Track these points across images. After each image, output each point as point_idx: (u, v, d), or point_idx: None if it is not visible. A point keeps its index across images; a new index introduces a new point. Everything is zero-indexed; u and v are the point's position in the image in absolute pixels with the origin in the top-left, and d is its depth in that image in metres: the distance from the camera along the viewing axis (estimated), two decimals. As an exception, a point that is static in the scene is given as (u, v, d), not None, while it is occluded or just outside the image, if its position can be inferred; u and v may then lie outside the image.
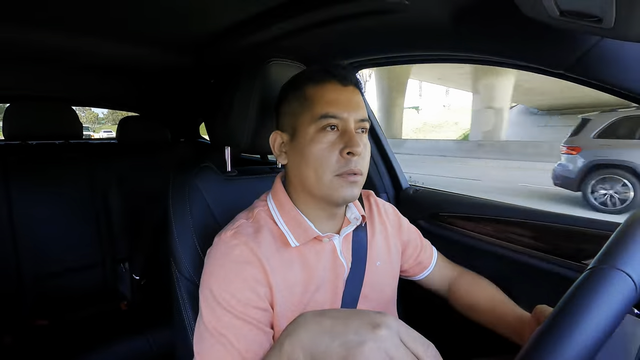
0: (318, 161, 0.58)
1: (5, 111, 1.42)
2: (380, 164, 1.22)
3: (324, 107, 0.58)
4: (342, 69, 0.61)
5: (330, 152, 0.58)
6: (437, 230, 1.05)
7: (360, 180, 0.60)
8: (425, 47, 0.83)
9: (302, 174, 0.61)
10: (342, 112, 0.58)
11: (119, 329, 1.32)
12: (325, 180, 0.58)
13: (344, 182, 0.58)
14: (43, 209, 1.44)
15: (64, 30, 1.03)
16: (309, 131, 0.59)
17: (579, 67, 0.57)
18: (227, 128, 0.77)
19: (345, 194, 0.58)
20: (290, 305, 0.58)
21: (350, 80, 0.61)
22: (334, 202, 0.61)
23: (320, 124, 0.58)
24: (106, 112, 30.01)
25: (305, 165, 0.60)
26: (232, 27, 1.00)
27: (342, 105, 0.59)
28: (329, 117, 0.58)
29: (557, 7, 0.43)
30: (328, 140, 0.58)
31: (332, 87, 0.60)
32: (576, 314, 0.35)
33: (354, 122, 0.59)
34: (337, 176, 0.58)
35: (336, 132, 0.59)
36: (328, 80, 0.60)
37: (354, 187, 0.59)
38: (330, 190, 0.58)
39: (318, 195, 0.61)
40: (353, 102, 0.60)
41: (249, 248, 0.56)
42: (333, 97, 0.59)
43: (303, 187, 0.62)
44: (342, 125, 0.59)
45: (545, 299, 0.81)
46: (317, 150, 0.58)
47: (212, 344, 0.52)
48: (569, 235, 0.76)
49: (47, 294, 1.41)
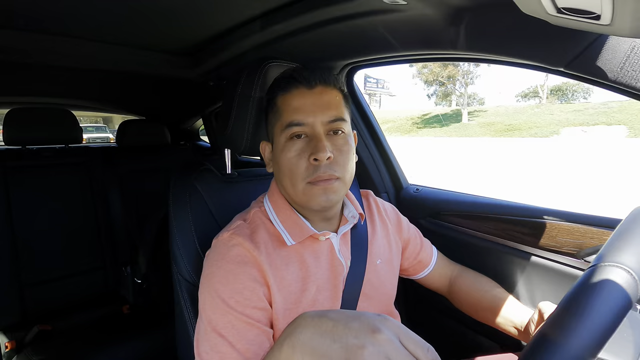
0: (289, 170, 0.58)
1: (5, 116, 1.42)
2: (380, 164, 1.22)
3: (290, 115, 0.58)
4: (307, 71, 0.61)
5: (299, 160, 0.58)
6: (437, 229, 1.05)
7: (336, 184, 0.58)
8: (423, 46, 0.83)
9: (280, 182, 0.62)
10: (307, 117, 0.58)
11: (121, 332, 1.32)
12: (299, 188, 0.58)
13: (316, 189, 0.57)
14: (43, 214, 1.44)
15: (63, 35, 1.03)
16: (280, 141, 0.60)
17: (577, 64, 0.57)
18: (226, 130, 0.77)
19: (319, 201, 0.58)
20: (289, 305, 0.58)
21: (316, 81, 0.60)
22: (311, 209, 0.61)
23: (287, 133, 0.58)
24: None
25: (282, 175, 0.60)
26: (230, 30, 1.00)
27: (308, 110, 0.58)
28: (294, 125, 0.58)
29: (555, 4, 0.43)
30: (296, 149, 0.58)
31: (297, 93, 0.60)
32: (580, 311, 0.35)
33: (322, 125, 0.58)
34: (309, 183, 0.58)
35: (304, 138, 0.59)
36: (294, 87, 0.60)
37: (329, 192, 0.58)
38: (305, 197, 0.58)
39: (297, 202, 0.61)
40: (320, 105, 0.59)
41: (246, 248, 0.57)
42: (298, 103, 0.59)
43: (286, 195, 0.63)
44: (309, 131, 0.58)
45: (546, 296, 0.81)
46: (287, 159, 0.58)
47: (212, 345, 0.52)
48: (570, 233, 0.76)
49: (49, 299, 1.41)
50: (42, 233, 1.42)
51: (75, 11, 0.87)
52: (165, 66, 1.28)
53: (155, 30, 1.03)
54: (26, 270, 1.36)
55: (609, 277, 0.37)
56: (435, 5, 0.67)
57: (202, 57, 1.23)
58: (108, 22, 0.95)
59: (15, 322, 1.33)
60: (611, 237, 0.43)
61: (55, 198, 1.47)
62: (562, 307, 0.37)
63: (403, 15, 0.72)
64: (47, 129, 1.49)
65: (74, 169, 1.55)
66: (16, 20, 0.91)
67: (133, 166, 1.73)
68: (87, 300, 1.50)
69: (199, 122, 2.26)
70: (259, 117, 0.75)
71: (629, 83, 0.53)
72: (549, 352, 0.33)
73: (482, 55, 0.72)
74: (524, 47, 0.64)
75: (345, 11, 0.75)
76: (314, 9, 0.77)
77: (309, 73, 0.60)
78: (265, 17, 0.88)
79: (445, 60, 0.88)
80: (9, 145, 1.45)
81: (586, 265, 0.73)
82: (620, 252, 0.39)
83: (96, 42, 1.10)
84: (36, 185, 1.44)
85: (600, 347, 0.33)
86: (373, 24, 0.79)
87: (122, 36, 1.07)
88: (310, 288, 0.60)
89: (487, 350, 0.79)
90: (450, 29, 0.71)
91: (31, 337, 1.27)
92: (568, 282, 0.77)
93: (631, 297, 0.36)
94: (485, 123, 22.96)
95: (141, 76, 1.49)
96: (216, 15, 0.92)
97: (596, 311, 0.34)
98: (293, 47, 0.97)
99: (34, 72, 1.35)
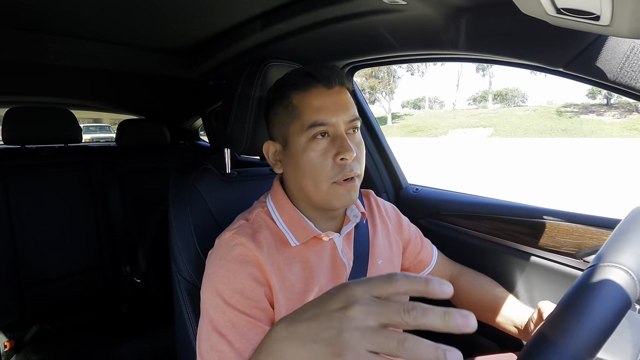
0: (314, 170, 0.58)
1: (4, 116, 1.42)
2: (380, 164, 1.22)
3: (312, 115, 0.58)
4: (326, 70, 0.60)
5: (324, 160, 0.57)
6: (437, 229, 1.05)
7: (357, 182, 0.60)
8: (423, 46, 0.83)
9: (299, 183, 0.61)
10: (331, 118, 0.57)
11: (120, 331, 1.32)
12: (323, 188, 0.58)
13: (341, 189, 0.58)
14: (43, 214, 1.44)
15: (63, 34, 1.03)
16: (300, 141, 0.59)
17: (577, 64, 0.57)
18: (226, 130, 0.77)
19: (344, 200, 0.58)
20: (292, 305, 0.58)
21: (336, 81, 0.60)
22: (334, 208, 0.61)
23: (310, 133, 0.58)
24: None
25: (301, 175, 0.60)
26: (230, 29, 1.00)
27: (330, 110, 0.58)
28: (318, 125, 0.57)
29: (554, 5, 0.43)
30: (321, 149, 0.58)
31: (317, 93, 0.59)
32: (579, 310, 0.35)
33: (344, 124, 0.59)
34: (335, 183, 0.58)
35: (327, 138, 0.58)
36: (313, 86, 0.59)
37: (352, 191, 0.59)
38: (329, 197, 0.58)
39: (318, 202, 0.61)
40: (340, 104, 0.59)
41: (248, 248, 0.57)
42: (320, 103, 0.58)
43: (303, 195, 0.62)
44: (332, 130, 0.58)
45: (545, 296, 0.81)
46: (310, 159, 0.58)
47: (212, 344, 0.52)
48: (569, 233, 0.76)
49: (48, 298, 1.41)
50: (41, 232, 1.42)
51: (75, 10, 0.87)
52: (165, 65, 1.28)
53: (155, 29, 1.03)
54: (25, 269, 1.36)
55: (608, 278, 0.37)
56: (435, 5, 0.67)
57: (202, 56, 1.23)
58: (108, 21, 0.95)
59: (14, 322, 1.33)
60: (610, 238, 0.43)
61: (54, 197, 1.47)
62: (561, 307, 0.37)
63: (403, 15, 0.72)
64: (46, 128, 1.48)
65: (73, 168, 1.55)
66: (16, 20, 0.91)
67: (132, 166, 1.73)
68: (86, 300, 1.50)
69: (198, 121, 2.25)
70: (258, 116, 0.75)
71: (629, 83, 0.53)
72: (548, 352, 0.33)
73: (482, 55, 0.72)
74: (523, 48, 0.64)
75: (346, 11, 0.75)
76: (314, 9, 0.77)
77: (329, 72, 0.59)
78: (265, 17, 0.88)
79: (446, 60, 0.88)
80: (8, 145, 1.45)
81: (585, 265, 0.74)
82: (620, 252, 0.39)
83: (96, 41, 1.10)
84: (35, 185, 1.44)
85: (598, 347, 0.33)
86: (373, 24, 0.79)
87: (122, 35, 1.07)
88: (313, 288, 0.60)
89: (486, 350, 0.79)
90: (450, 29, 0.71)
91: (30, 336, 1.27)
92: (567, 282, 0.77)
93: (630, 297, 0.36)
94: (403, 125, 27.62)
95: (141, 75, 1.49)
96: (216, 14, 0.91)
97: (595, 311, 0.34)
98: (293, 46, 0.97)
99: (33, 71, 1.35)
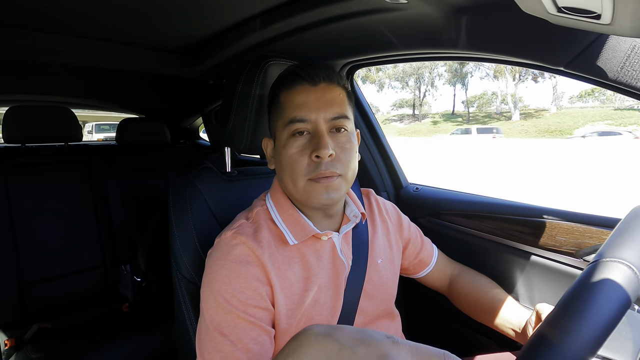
0: (291, 166, 0.58)
1: (5, 114, 1.41)
2: (380, 163, 1.22)
3: (292, 112, 0.58)
4: (312, 67, 0.60)
5: (301, 157, 0.58)
6: (437, 228, 1.05)
7: (337, 182, 0.58)
8: (423, 45, 0.83)
9: (282, 179, 0.62)
10: (310, 114, 0.57)
11: (120, 330, 1.32)
12: (299, 185, 0.58)
13: (318, 186, 0.57)
14: (43, 212, 1.44)
15: (63, 33, 1.03)
16: (282, 137, 0.59)
17: (578, 63, 0.57)
18: (226, 129, 0.77)
19: (320, 198, 0.58)
20: (292, 305, 0.58)
21: (320, 78, 0.60)
22: (312, 206, 0.61)
23: (290, 129, 0.58)
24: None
25: (282, 171, 0.60)
26: (230, 28, 1.00)
27: (311, 107, 0.58)
28: (296, 121, 0.58)
29: (555, 4, 0.43)
30: (298, 145, 0.58)
31: (301, 90, 0.59)
32: (580, 306, 0.35)
33: (325, 122, 0.58)
34: (310, 180, 0.58)
35: (307, 135, 0.58)
36: (298, 83, 0.60)
37: (330, 190, 0.58)
38: (307, 194, 0.58)
39: (299, 200, 0.61)
40: (323, 102, 0.58)
41: (248, 247, 0.57)
42: (301, 99, 0.58)
43: (287, 192, 0.63)
44: (312, 127, 0.58)
45: (545, 295, 0.82)
46: (288, 155, 0.58)
47: (214, 344, 0.52)
48: (569, 232, 0.76)
49: (48, 297, 1.41)
50: (41, 231, 1.42)
51: (75, 9, 0.87)
52: (165, 64, 1.28)
53: (155, 28, 1.03)
54: (26, 268, 1.36)
55: (611, 272, 0.37)
56: (436, 4, 0.67)
57: (202, 55, 1.23)
58: (108, 20, 0.95)
59: (14, 320, 1.33)
60: (611, 235, 0.43)
61: (55, 196, 1.47)
62: (563, 305, 0.37)
63: (404, 14, 0.71)
64: (46, 127, 1.48)
65: (73, 167, 1.55)
66: (16, 19, 0.91)
67: (133, 164, 1.73)
68: (86, 299, 1.50)
69: (198, 120, 2.25)
70: (259, 115, 0.75)
71: (630, 83, 0.53)
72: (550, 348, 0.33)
73: (483, 54, 0.72)
74: (524, 46, 0.64)
75: (346, 10, 0.75)
76: (315, 7, 0.77)
77: (313, 70, 0.60)
78: (265, 15, 0.88)
79: (446, 59, 0.88)
80: (9, 144, 1.45)
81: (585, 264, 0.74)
82: (621, 248, 0.39)
83: (96, 40, 1.09)
84: (36, 183, 1.44)
85: (600, 343, 0.33)
86: (374, 23, 0.79)
87: (123, 34, 1.07)
88: (312, 288, 0.60)
89: (485, 349, 0.79)
90: (451, 28, 0.71)
91: (30, 335, 1.27)
92: (567, 281, 0.77)
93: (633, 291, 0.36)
94: (399, 127, 31.20)
95: (141, 74, 1.49)
96: (217, 13, 0.91)
97: (599, 306, 0.34)
98: (293, 45, 0.97)
99: (34, 70, 1.35)
